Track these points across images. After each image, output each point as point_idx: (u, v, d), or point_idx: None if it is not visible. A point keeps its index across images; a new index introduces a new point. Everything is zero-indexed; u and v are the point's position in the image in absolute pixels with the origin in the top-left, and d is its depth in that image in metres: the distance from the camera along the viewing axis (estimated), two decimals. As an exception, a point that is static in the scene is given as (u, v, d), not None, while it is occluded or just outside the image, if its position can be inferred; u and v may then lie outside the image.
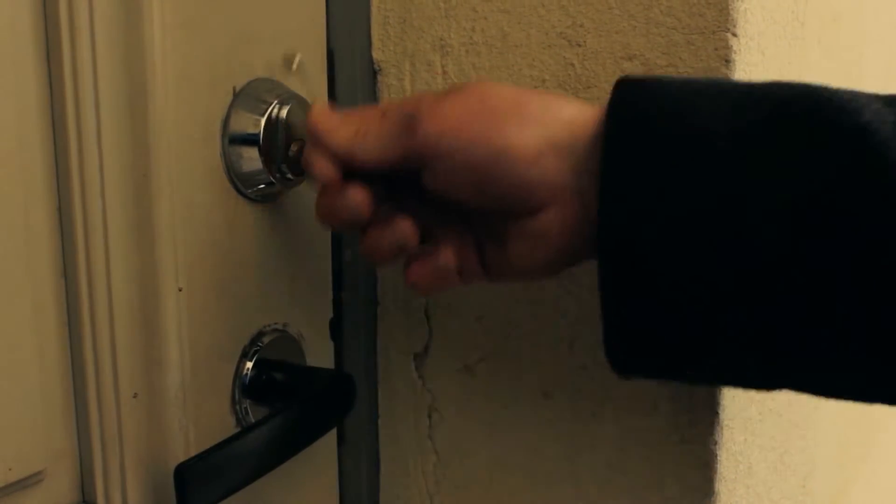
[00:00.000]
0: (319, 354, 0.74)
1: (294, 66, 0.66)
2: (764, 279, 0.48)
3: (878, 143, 0.46)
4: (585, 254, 0.55)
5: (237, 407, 0.66)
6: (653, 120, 0.51)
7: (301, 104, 0.65)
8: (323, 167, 0.58)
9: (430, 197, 0.57)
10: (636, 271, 0.51)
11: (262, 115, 0.63)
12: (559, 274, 0.60)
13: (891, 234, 0.45)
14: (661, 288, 0.50)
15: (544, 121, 0.53)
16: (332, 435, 0.77)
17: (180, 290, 0.60)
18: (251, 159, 0.63)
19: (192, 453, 0.60)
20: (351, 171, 0.58)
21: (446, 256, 0.59)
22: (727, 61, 0.62)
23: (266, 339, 0.68)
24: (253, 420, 0.67)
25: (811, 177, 0.47)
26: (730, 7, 0.61)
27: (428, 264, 0.60)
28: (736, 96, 0.51)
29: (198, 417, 0.62)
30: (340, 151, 0.57)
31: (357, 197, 0.57)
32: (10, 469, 0.55)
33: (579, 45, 0.67)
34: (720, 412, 0.65)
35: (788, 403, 0.81)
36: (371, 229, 0.59)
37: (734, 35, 0.61)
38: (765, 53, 0.65)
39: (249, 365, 0.66)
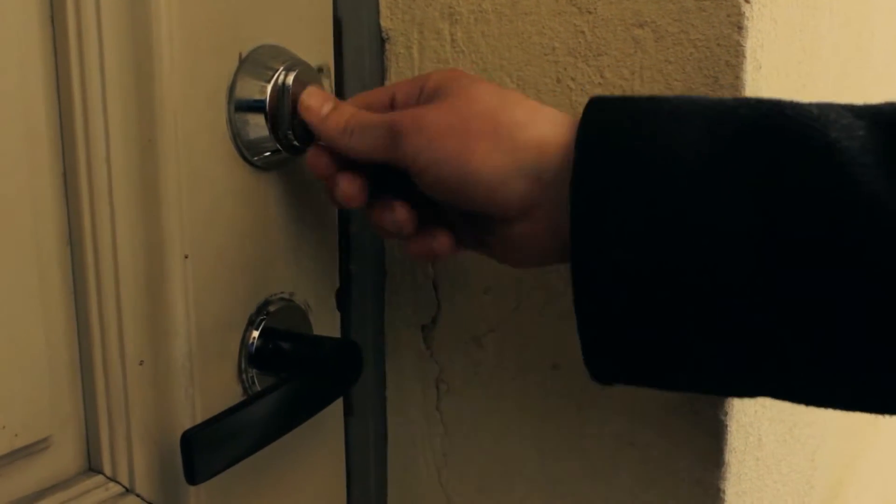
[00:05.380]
0: (326, 324, 0.74)
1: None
2: (730, 293, 0.48)
3: (845, 162, 0.45)
4: (564, 259, 0.56)
5: (243, 376, 0.66)
6: (622, 141, 0.51)
7: (307, 70, 0.64)
8: (312, 160, 0.62)
9: None
10: (608, 287, 0.51)
11: (269, 81, 0.63)
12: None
13: (855, 251, 0.45)
14: (633, 302, 0.51)
15: (516, 145, 0.54)
16: (339, 406, 0.76)
17: (186, 257, 0.60)
18: (257, 126, 0.63)
19: (199, 421, 0.60)
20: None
21: (442, 240, 0.62)
22: (739, 28, 0.61)
23: (272, 308, 0.67)
24: (259, 389, 0.66)
25: (776, 196, 0.47)
26: (742, -28, 0.60)
27: (424, 244, 0.62)
28: (706, 116, 0.50)
29: (204, 386, 0.62)
30: (331, 143, 0.61)
31: (346, 188, 0.61)
32: (16, 435, 0.55)
33: (590, 13, 0.66)
34: (730, 383, 0.64)
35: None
36: (374, 210, 0.62)
37: (746, 1, 0.61)
38: (777, 21, 0.65)
39: (256, 334, 0.66)
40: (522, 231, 0.56)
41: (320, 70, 0.66)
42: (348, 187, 0.60)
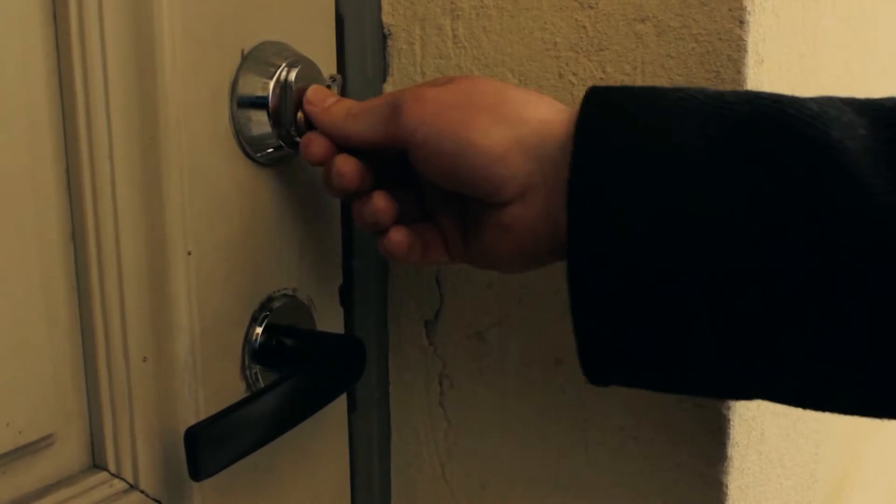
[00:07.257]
0: (329, 320, 0.74)
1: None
2: (726, 291, 0.48)
3: (846, 163, 0.45)
4: (554, 254, 0.56)
5: (247, 372, 0.66)
6: (620, 132, 0.51)
7: (310, 67, 0.65)
8: (306, 143, 0.61)
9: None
10: (603, 276, 0.51)
11: (271, 78, 0.63)
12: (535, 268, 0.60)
13: (854, 253, 0.45)
14: (627, 295, 0.51)
15: (517, 119, 0.54)
16: (342, 401, 0.77)
17: (189, 253, 0.60)
18: (260, 123, 0.63)
19: (202, 417, 0.60)
20: (346, 147, 0.61)
21: (408, 235, 0.61)
22: (741, 22, 0.61)
23: (276, 305, 0.67)
24: (263, 386, 0.66)
25: (775, 196, 0.46)
26: (744, -33, 0.60)
27: (388, 239, 0.61)
28: (705, 111, 0.50)
29: (207, 382, 0.62)
30: (332, 129, 0.60)
31: (341, 165, 0.59)
32: (20, 432, 0.55)
33: (591, 8, 0.66)
34: (733, 377, 0.64)
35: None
36: (355, 201, 0.61)
37: (748, -5, 0.61)
38: (779, 15, 0.65)
39: (259, 330, 0.66)
40: (516, 215, 0.55)
41: (333, 79, 0.66)
42: (342, 164, 0.59)
